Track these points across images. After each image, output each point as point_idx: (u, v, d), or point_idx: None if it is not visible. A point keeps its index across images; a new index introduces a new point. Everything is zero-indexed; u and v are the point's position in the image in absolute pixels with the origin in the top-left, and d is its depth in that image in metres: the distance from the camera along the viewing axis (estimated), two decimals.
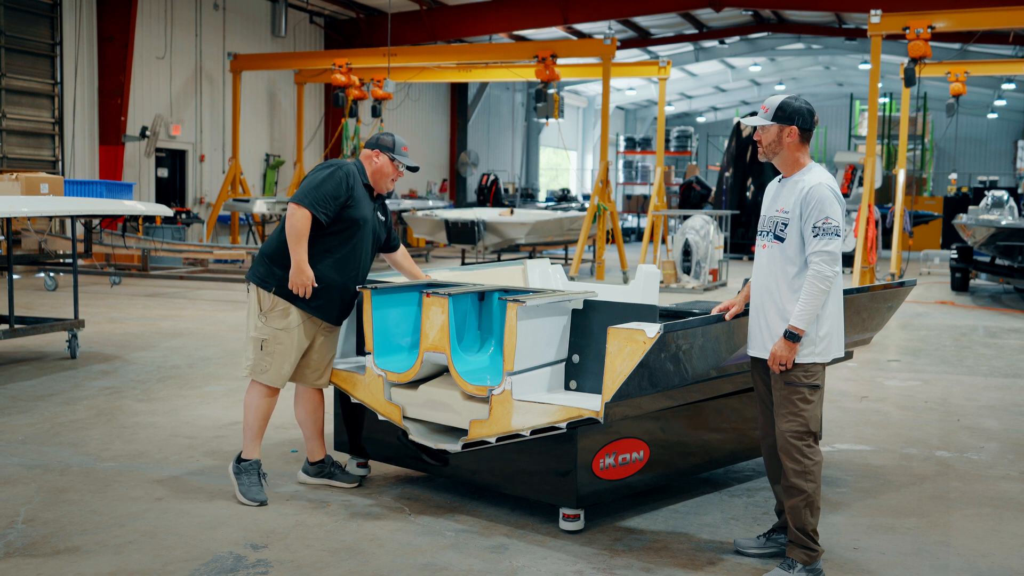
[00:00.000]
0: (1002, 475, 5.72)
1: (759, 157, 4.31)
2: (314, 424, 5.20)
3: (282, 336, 4.90)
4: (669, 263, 16.28)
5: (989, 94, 37.29)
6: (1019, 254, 13.93)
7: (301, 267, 4.80)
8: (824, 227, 4.03)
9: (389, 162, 5.05)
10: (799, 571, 4.04)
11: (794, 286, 4.12)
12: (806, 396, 4.09)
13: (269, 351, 4.91)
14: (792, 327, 4.02)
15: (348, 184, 4.88)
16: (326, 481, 5.15)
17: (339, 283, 4.96)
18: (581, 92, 38.31)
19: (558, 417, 4.34)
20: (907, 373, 8.86)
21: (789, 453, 4.09)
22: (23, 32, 17.08)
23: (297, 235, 4.79)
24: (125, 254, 16.45)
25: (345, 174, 4.90)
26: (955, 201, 27.45)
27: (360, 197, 4.96)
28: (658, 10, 23.25)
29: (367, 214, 5.01)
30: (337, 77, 20.22)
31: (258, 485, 4.92)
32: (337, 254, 4.93)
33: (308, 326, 4.97)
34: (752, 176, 23.67)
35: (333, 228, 4.90)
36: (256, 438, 5.01)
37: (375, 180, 5.07)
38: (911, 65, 15.70)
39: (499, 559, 4.25)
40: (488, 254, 18.62)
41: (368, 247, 5.07)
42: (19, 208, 8.23)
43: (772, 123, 4.17)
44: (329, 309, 4.99)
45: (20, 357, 8.76)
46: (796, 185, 4.15)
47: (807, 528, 4.07)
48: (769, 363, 4.10)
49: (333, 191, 4.84)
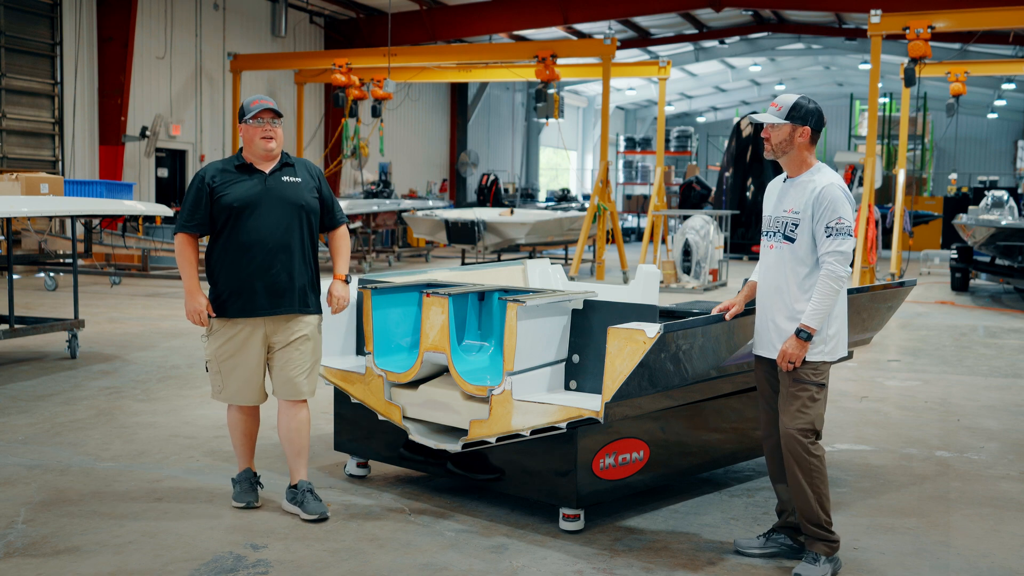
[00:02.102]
0: (1002, 475, 5.72)
1: (765, 154, 4.28)
2: (290, 444, 4.80)
3: (224, 352, 4.69)
4: (669, 263, 16.28)
5: (989, 94, 37.29)
6: (1019, 254, 13.93)
7: (190, 293, 4.64)
8: (837, 227, 4.04)
9: (248, 127, 4.69)
10: (824, 563, 4.09)
11: (804, 286, 4.12)
12: (813, 394, 4.10)
13: (216, 370, 4.74)
14: (804, 326, 4.03)
15: (204, 181, 4.66)
16: (296, 509, 4.74)
17: (248, 274, 4.62)
18: (581, 92, 38.31)
19: (558, 417, 4.34)
20: (907, 373, 8.85)
21: (795, 451, 4.10)
22: (23, 32, 17.09)
23: (181, 263, 4.68)
24: (125, 254, 16.46)
25: (200, 176, 4.70)
26: (955, 201, 27.43)
27: (231, 182, 4.65)
28: (658, 10, 23.25)
29: (247, 194, 4.63)
30: (337, 77, 20.22)
31: (249, 491, 4.86)
32: (235, 246, 4.63)
33: (250, 334, 4.68)
34: (752, 176, 23.66)
35: (220, 227, 4.66)
36: (241, 455, 4.89)
37: (250, 151, 4.71)
38: (911, 65, 15.70)
39: (499, 559, 4.25)
40: (488, 254, 18.62)
41: (271, 223, 4.63)
42: (19, 208, 8.23)
43: (785, 122, 4.15)
44: (250, 304, 4.64)
45: (20, 357, 8.76)
46: (807, 186, 4.14)
47: (821, 522, 4.11)
48: (778, 361, 4.11)
49: (193, 198, 4.66)
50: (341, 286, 4.85)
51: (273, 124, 4.70)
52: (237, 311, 4.66)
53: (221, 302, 4.68)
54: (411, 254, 22.18)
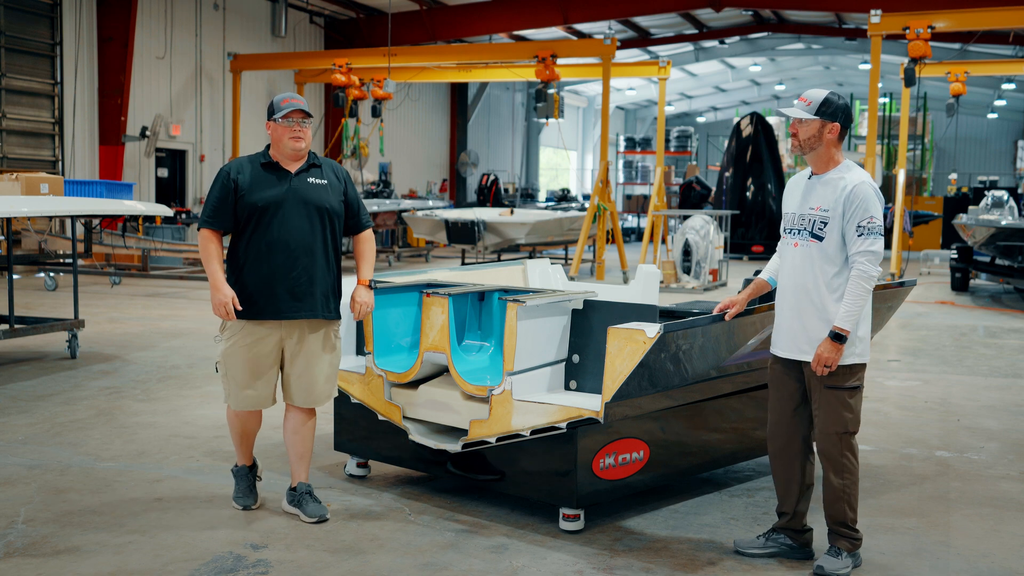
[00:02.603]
0: (1002, 475, 5.72)
1: (791, 150, 4.20)
2: (295, 448, 4.77)
3: (231, 355, 4.61)
4: (669, 263, 16.28)
5: (989, 94, 37.30)
6: (1019, 254, 13.93)
7: (216, 286, 4.52)
8: (869, 226, 4.01)
9: (277, 126, 4.61)
10: (845, 557, 4.13)
11: (833, 286, 4.08)
12: (847, 398, 4.09)
13: (223, 372, 4.66)
14: (839, 328, 3.98)
15: (230, 178, 4.58)
16: (295, 511, 4.72)
17: (269, 275, 4.54)
18: (581, 92, 38.31)
19: (558, 417, 4.34)
20: (907, 373, 8.85)
21: (830, 453, 4.11)
22: (23, 32, 17.09)
23: (205, 257, 4.58)
24: (125, 254, 16.46)
25: (225, 171, 4.63)
26: (955, 201, 27.43)
27: (257, 181, 4.58)
28: (658, 10, 23.25)
29: (272, 194, 4.56)
30: (337, 77, 20.23)
31: (246, 491, 4.82)
32: (257, 247, 4.55)
33: (263, 338, 4.60)
34: (752, 176, 23.67)
35: (243, 226, 4.59)
36: (239, 448, 4.85)
37: (277, 149, 4.65)
38: (911, 65, 15.71)
39: (499, 559, 4.25)
40: (488, 254, 18.62)
41: (294, 225, 4.55)
42: (19, 208, 8.23)
43: (814, 117, 4.10)
44: (270, 306, 4.56)
45: (20, 357, 8.76)
46: (837, 183, 4.09)
47: (847, 520, 4.15)
48: (813, 365, 4.04)
49: (219, 195, 4.58)
50: (365, 291, 4.74)
51: (303, 124, 4.62)
52: (256, 313, 4.57)
53: (240, 303, 4.56)
54: (411, 254, 22.18)
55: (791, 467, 4.29)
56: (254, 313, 4.56)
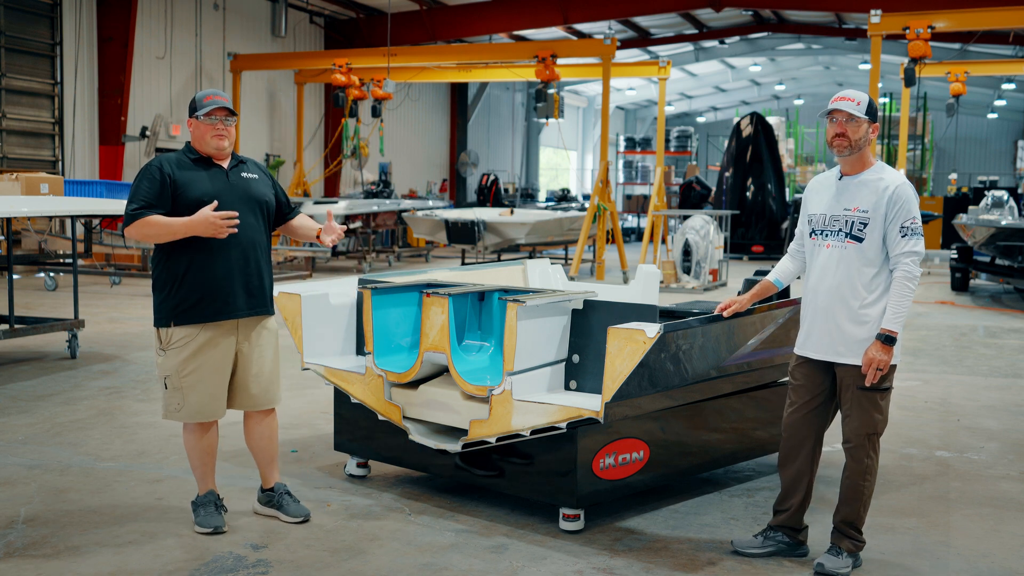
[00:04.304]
0: (1002, 475, 5.72)
1: (837, 151, 4.09)
2: (263, 452, 4.68)
3: (189, 365, 4.36)
4: (669, 263, 16.28)
5: (989, 94, 37.31)
6: (1019, 254, 13.93)
7: (187, 221, 4.24)
8: (912, 227, 4.01)
9: (199, 123, 4.44)
10: (845, 558, 4.14)
11: (871, 287, 4.06)
12: (879, 399, 4.09)
13: (176, 386, 4.39)
14: (888, 330, 3.97)
15: (163, 172, 4.35)
16: (274, 512, 4.65)
17: (226, 273, 4.38)
18: (581, 92, 38.31)
19: (558, 417, 4.34)
20: (907, 373, 8.85)
21: (856, 453, 4.12)
22: (23, 32, 17.08)
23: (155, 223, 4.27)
24: (125, 254, 16.45)
25: (155, 166, 4.39)
26: (955, 201, 27.41)
27: (189, 178, 4.38)
28: (658, 10, 23.25)
29: (212, 189, 4.38)
30: (337, 77, 20.23)
31: (214, 514, 4.51)
32: (206, 245, 4.33)
33: (219, 341, 4.40)
34: (752, 176, 23.67)
35: None
36: (203, 477, 4.58)
37: (200, 147, 4.47)
38: (911, 65, 15.72)
39: (499, 559, 4.25)
40: (488, 254, 18.62)
41: (242, 220, 4.38)
42: (19, 208, 8.24)
43: (865, 117, 4.09)
44: (227, 306, 4.39)
45: (20, 357, 8.76)
46: (876, 184, 4.08)
47: (857, 523, 4.17)
48: (864, 369, 4.01)
49: (155, 189, 4.31)
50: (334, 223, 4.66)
51: (226, 123, 4.45)
52: (212, 314, 4.35)
53: (188, 307, 4.34)
54: (411, 254, 22.17)
55: (804, 463, 4.30)
56: (210, 314, 4.36)
